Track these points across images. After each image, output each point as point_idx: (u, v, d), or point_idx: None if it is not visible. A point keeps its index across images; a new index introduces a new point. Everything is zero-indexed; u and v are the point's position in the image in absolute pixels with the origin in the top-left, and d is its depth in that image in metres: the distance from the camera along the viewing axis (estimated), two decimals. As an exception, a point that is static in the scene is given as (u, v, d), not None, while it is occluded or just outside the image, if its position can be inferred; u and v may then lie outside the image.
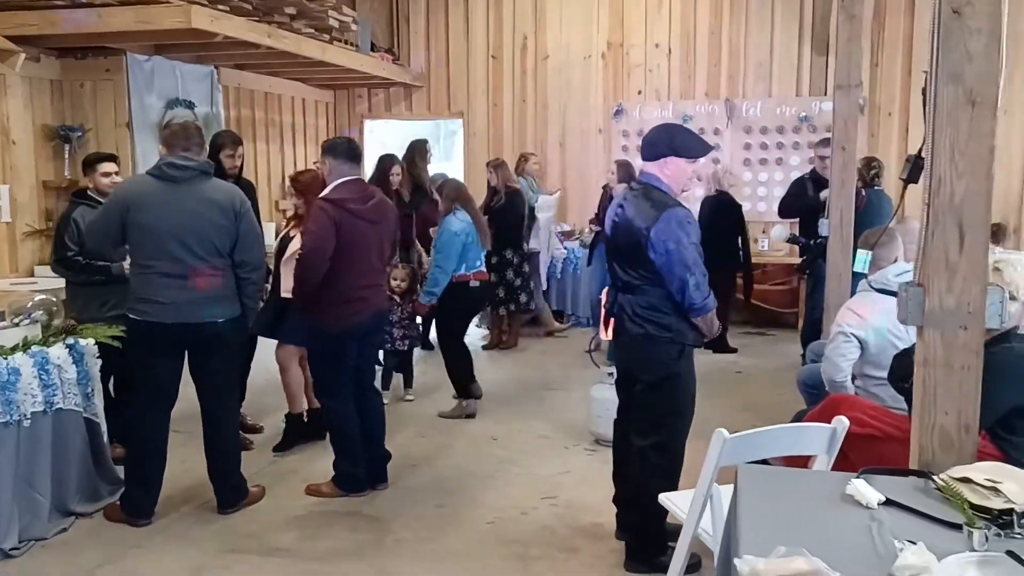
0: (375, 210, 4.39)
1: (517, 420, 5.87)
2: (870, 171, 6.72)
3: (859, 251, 4.26)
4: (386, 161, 7.07)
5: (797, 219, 7.35)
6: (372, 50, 9.11)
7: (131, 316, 4.07)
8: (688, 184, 3.51)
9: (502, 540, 4.02)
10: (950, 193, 2.34)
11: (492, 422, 5.84)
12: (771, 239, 8.55)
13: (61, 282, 5.82)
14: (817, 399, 4.64)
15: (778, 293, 8.95)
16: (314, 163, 8.72)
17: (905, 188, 2.69)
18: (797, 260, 7.82)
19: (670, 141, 3.44)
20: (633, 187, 3.57)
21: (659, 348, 3.46)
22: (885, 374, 3.81)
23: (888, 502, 2.17)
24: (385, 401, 5.89)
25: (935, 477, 2.27)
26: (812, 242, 6.67)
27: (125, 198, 4.05)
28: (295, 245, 4.89)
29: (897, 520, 2.09)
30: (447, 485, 4.71)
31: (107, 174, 4.88)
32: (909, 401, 3.20)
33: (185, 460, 4.77)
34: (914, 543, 1.86)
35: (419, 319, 6.86)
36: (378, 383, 5.09)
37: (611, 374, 5.38)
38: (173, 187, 3.98)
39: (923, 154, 2.42)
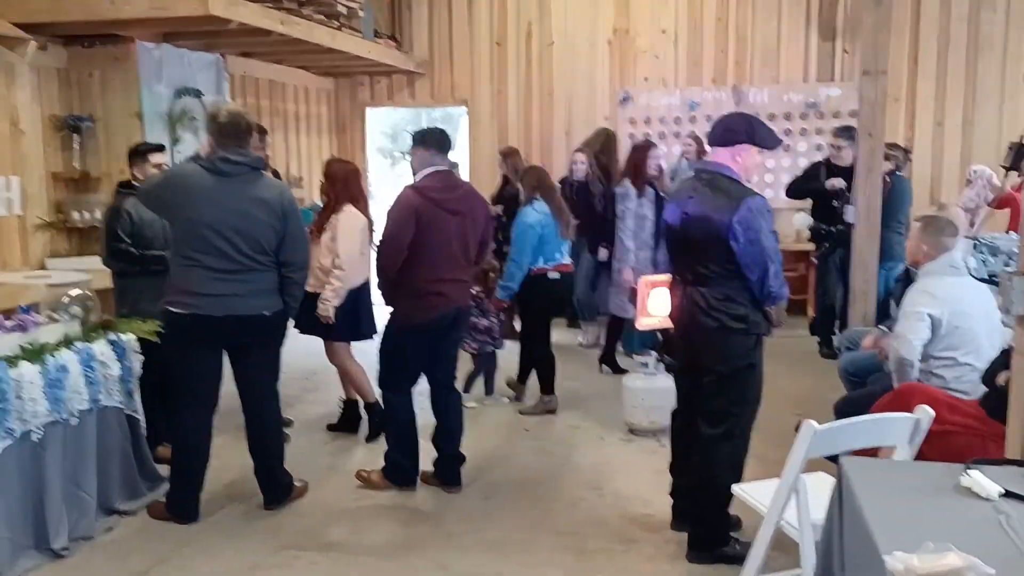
0: (460, 201, 4.25)
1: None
2: (907, 156, 6.78)
3: None
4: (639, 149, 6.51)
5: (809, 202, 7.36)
6: (375, 37, 8.99)
7: (174, 310, 3.93)
8: (753, 174, 3.50)
9: (556, 531, 3.99)
10: (1054, 182, 2.34)
11: (521, 413, 5.81)
12: (793, 226, 8.49)
13: (76, 276, 5.69)
14: (859, 386, 4.67)
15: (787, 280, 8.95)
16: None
17: (1006, 175, 2.68)
18: (805, 247, 7.83)
19: (749, 130, 3.42)
20: (701, 176, 3.52)
21: (735, 339, 3.45)
22: (951, 355, 3.88)
23: (1008, 494, 2.16)
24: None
25: (1046, 467, 2.27)
26: (833, 228, 6.67)
27: (176, 185, 3.94)
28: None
29: (1023, 513, 2.08)
30: (489, 477, 4.68)
31: (158, 165, 4.78)
32: (993, 393, 3.23)
33: (226, 456, 4.71)
34: (1058, 536, 1.85)
35: None
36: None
37: (645, 364, 5.38)
38: (223, 181, 3.87)
39: None
